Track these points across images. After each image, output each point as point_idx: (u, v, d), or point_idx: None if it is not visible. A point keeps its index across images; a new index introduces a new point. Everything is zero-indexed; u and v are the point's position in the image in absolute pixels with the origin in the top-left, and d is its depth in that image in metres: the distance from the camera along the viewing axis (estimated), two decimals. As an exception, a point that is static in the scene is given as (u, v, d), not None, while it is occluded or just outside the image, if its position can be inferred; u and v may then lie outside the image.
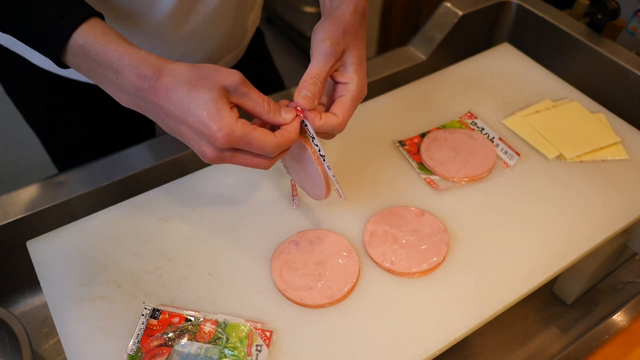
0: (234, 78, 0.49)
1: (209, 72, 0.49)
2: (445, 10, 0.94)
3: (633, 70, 0.82)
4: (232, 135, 0.48)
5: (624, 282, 0.79)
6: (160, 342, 0.52)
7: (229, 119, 0.48)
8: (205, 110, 0.48)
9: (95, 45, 0.49)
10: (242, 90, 0.50)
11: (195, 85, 0.48)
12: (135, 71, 0.48)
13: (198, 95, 0.48)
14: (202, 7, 0.68)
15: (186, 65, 0.49)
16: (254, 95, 0.50)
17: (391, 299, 0.57)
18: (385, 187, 0.67)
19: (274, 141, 0.50)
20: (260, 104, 0.51)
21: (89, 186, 0.70)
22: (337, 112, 0.54)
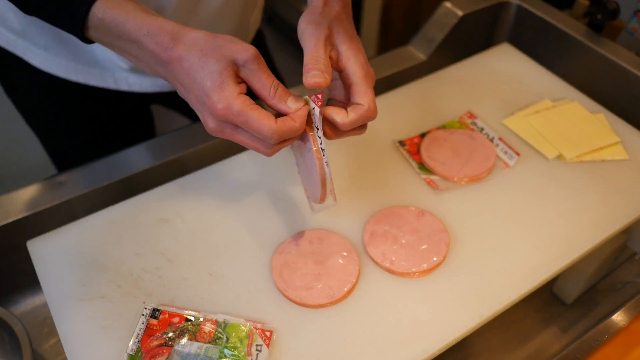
0: (246, 53, 0.47)
1: (223, 42, 0.48)
2: (445, 10, 0.94)
3: (633, 70, 0.82)
4: (230, 109, 0.47)
5: (623, 282, 0.79)
6: (160, 342, 0.52)
7: (229, 92, 0.47)
8: (209, 80, 0.47)
9: (113, 17, 0.49)
10: (251, 67, 0.48)
11: (206, 54, 0.47)
12: (153, 40, 0.48)
13: (206, 65, 0.47)
14: (202, 10, 0.68)
15: (203, 34, 0.48)
16: (262, 76, 0.49)
17: (391, 299, 0.57)
18: (385, 187, 0.67)
19: (272, 126, 0.48)
20: (266, 86, 0.49)
21: (89, 186, 0.70)
22: (360, 100, 0.51)
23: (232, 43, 0.48)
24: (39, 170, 1.74)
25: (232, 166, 0.69)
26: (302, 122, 0.50)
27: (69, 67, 0.73)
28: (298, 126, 0.49)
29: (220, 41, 0.48)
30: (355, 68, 0.52)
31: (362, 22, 1.85)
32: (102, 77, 0.75)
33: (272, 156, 0.52)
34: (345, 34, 0.53)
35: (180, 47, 0.48)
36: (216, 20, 0.71)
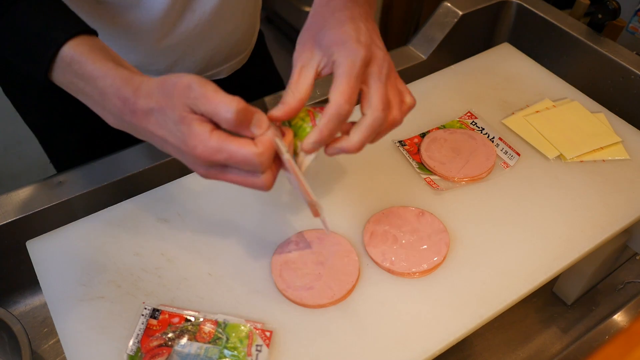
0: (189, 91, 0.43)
1: (171, 87, 0.44)
2: (445, 10, 0.94)
3: (633, 70, 0.82)
4: (208, 149, 0.44)
5: (624, 282, 0.79)
6: (160, 342, 0.52)
7: (201, 134, 0.44)
8: (177, 129, 0.44)
9: (80, 62, 0.47)
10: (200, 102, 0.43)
11: (162, 105, 0.45)
12: (117, 93, 0.46)
13: (168, 117, 0.45)
14: (197, 6, 0.68)
15: (155, 82, 0.46)
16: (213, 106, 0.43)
17: (391, 299, 0.57)
18: (385, 187, 0.67)
19: (255, 151, 0.43)
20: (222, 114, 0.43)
21: (88, 186, 0.70)
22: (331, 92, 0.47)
23: (177, 84, 0.44)
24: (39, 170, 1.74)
25: (232, 166, 0.69)
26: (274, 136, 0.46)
27: None
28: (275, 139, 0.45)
29: (168, 86, 0.45)
30: (341, 60, 0.47)
31: (362, 22, 1.85)
32: None
33: (270, 189, 0.47)
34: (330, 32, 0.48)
35: (142, 100, 0.45)
36: (213, 19, 0.70)
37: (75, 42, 0.48)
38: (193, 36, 0.71)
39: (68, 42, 0.47)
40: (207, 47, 0.74)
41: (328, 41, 0.48)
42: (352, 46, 0.47)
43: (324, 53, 0.49)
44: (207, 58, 0.76)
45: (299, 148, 0.50)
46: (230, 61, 0.82)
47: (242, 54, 0.83)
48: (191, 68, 0.76)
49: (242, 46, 0.82)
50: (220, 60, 0.79)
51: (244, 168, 0.45)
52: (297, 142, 0.50)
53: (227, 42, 0.77)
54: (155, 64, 0.73)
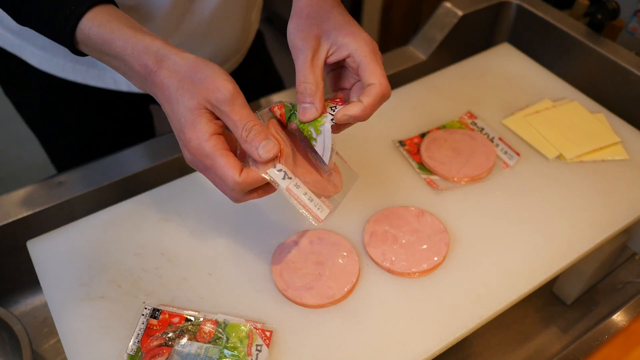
0: (220, 94, 0.46)
1: (202, 77, 0.46)
2: (445, 10, 0.94)
3: (633, 70, 0.82)
4: (200, 149, 0.46)
5: (623, 282, 0.79)
6: (160, 342, 0.52)
7: (201, 132, 0.46)
8: (183, 115, 0.46)
9: (99, 34, 0.48)
10: (224, 109, 0.46)
11: (183, 87, 0.46)
12: (137, 61, 0.48)
13: (182, 98, 0.46)
14: (197, 8, 0.68)
15: (186, 61, 0.47)
16: (235, 118, 0.46)
17: (391, 299, 0.57)
18: (385, 187, 0.67)
19: (235, 179, 0.46)
20: (238, 128, 0.46)
21: (88, 186, 0.70)
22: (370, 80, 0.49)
23: (209, 79, 0.46)
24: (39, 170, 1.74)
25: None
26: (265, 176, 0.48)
27: (68, 67, 0.73)
28: (261, 179, 0.47)
29: (200, 75, 0.46)
30: (358, 47, 0.50)
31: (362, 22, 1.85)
32: (102, 77, 0.75)
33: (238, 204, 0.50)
34: (335, 23, 0.51)
35: (163, 72, 0.47)
36: (213, 21, 0.70)
37: (92, 13, 0.49)
38: (192, 39, 0.71)
39: (85, 14, 0.48)
40: (206, 49, 0.75)
41: (337, 32, 0.51)
42: (366, 37, 0.51)
43: (332, 42, 0.51)
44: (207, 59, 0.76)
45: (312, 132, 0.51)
46: (229, 61, 0.82)
47: (239, 53, 0.83)
48: None
49: (239, 45, 0.82)
50: (219, 61, 0.79)
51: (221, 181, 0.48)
52: (308, 127, 0.51)
53: (225, 43, 0.77)
54: None
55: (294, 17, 0.53)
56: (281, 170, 0.48)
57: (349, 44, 0.50)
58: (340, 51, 0.51)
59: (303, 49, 0.50)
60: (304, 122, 0.51)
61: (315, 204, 0.49)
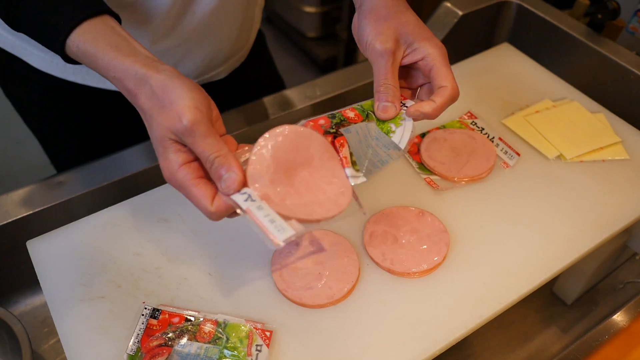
0: (179, 124, 0.45)
1: (167, 103, 0.46)
2: (445, 10, 0.94)
3: (633, 70, 0.82)
4: (172, 179, 0.47)
5: (624, 282, 0.79)
6: (160, 342, 0.52)
7: (172, 163, 0.46)
8: (155, 145, 0.47)
9: (86, 53, 0.49)
10: (185, 140, 0.46)
11: (152, 115, 0.47)
12: (120, 84, 0.48)
13: (152, 128, 0.47)
14: (197, 8, 0.68)
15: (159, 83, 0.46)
16: (197, 150, 0.46)
17: (391, 299, 0.57)
18: (385, 187, 0.67)
19: (208, 209, 0.46)
20: (202, 159, 0.46)
21: (88, 186, 0.70)
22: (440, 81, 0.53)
23: (173, 107, 0.45)
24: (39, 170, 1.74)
25: (232, 166, 0.69)
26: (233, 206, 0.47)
27: (68, 67, 0.73)
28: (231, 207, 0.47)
29: (165, 101, 0.46)
30: (432, 51, 0.53)
31: (362, 22, 1.85)
32: (102, 78, 0.75)
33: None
34: (412, 27, 0.54)
35: (141, 97, 0.47)
36: (212, 20, 0.70)
37: (81, 29, 0.49)
38: (192, 38, 0.71)
39: (74, 30, 0.49)
40: (206, 49, 0.74)
41: (413, 36, 0.54)
42: (438, 42, 0.55)
43: (408, 45, 0.54)
44: (206, 60, 0.76)
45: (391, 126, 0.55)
46: (229, 60, 0.82)
47: (241, 52, 0.83)
48: (191, 70, 0.76)
49: (240, 44, 0.82)
50: (220, 60, 0.79)
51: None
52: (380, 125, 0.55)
53: (226, 42, 0.77)
54: None
55: (370, 15, 0.54)
56: (245, 194, 0.47)
57: (424, 48, 0.54)
58: (415, 54, 0.54)
59: (383, 52, 0.53)
60: (384, 120, 0.54)
61: (277, 226, 0.46)
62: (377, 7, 0.54)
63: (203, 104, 0.47)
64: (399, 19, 0.54)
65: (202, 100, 0.47)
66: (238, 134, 0.77)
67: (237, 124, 0.78)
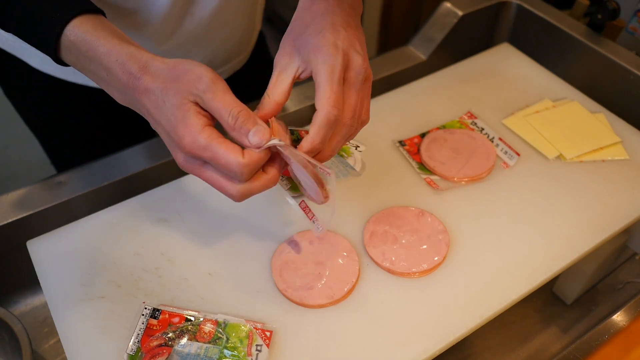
0: (199, 83, 0.45)
1: (181, 72, 0.46)
2: (445, 10, 0.94)
3: (633, 70, 0.82)
4: (195, 143, 0.44)
5: (624, 282, 0.79)
6: (160, 342, 0.52)
7: (193, 126, 0.45)
8: (172, 115, 0.45)
9: (85, 41, 0.48)
10: (207, 96, 0.45)
11: (167, 87, 0.46)
12: (122, 68, 0.47)
13: (167, 98, 0.46)
14: (197, 10, 0.68)
15: (166, 64, 0.46)
16: (219, 105, 0.44)
17: (391, 299, 0.57)
18: (385, 187, 0.67)
19: (239, 160, 0.44)
20: (224, 116, 0.44)
21: (88, 186, 0.70)
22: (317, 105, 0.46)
23: (188, 72, 0.45)
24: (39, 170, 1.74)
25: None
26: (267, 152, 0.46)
27: (68, 68, 0.73)
28: (263, 155, 0.46)
29: (179, 70, 0.46)
30: (318, 66, 0.47)
31: (362, 22, 1.85)
32: None
33: (240, 202, 0.48)
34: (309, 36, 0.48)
35: (147, 77, 0.46)
36: (212, 22, 0.70)
37: (79, 20, 0.48)
38: (192, 40, 0.71)
39: (72, 21, 0.48)
40: (206, 51, 0.74)
41: (307, 47, 0.48)
42: (328, 51, 0.47)
43: (302, 59, 0.49)
44: (206, 61, 0.76)
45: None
46: (230, 62, 0.81)
47: (242, 54, 0.83)
48: None
49: (241, 47, 0.82)
50: (220, 62, 0.79)
51: (224, 172, 0.46)
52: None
53: (226, 44, 0.77)
54: None
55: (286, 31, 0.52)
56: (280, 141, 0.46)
57: (312, 61, 0.47)
58: (307, 70, 0.49)
59: (275, 66, 0.49)
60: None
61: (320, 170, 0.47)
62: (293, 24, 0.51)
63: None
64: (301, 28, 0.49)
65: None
66: (238, 134, 0.76)
67: (237, 124, 0.78)
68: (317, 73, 0.47)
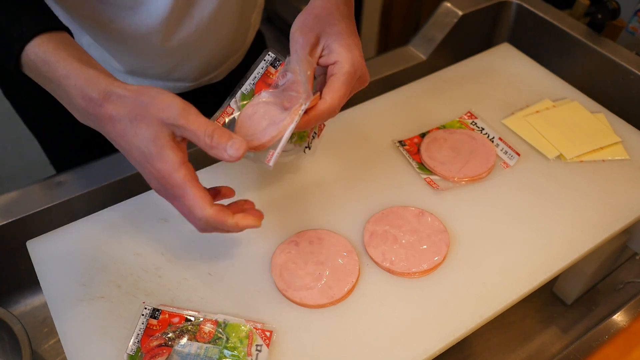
0: (170, 111, 0.45)
1: (149, 99, 0.45)
2: (445, 10, 0.94)
3: (633, 70, 0.82)
4: (171, 179, 0.46)
5: (624, 282, 0.79)
6: (160, 342, 0.52)
7: (170, 163, 0.45)
8: (146, 147, 0.45)
9: (45, 61, 0.47)
10: (179, 124, 0.45)
11: (136, 117, 0.45)
12: (80, 93, 0.47)
13: (139, 130, 0.45)
14: (196, 12, 0.68)
15: (129, 91, 0.46)
16: (193, 128, 0.45)
17: (391, 299, 0.57)
18: (385, 187, 0.67)
19: (205, 212, 0.46)
20: (200, 137, 0.45)
21: (88, 186, 0.70)
22: (325, 93, 0.51)
23: (155, 100, 0.45)
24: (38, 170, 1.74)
25: (233, 166, 0.69)
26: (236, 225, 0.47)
27: None
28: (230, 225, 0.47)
29: (145, 98, 0.45)
30: (344, 61, 0.52)
31: (362, 22, 1.85)
32: None
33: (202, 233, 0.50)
34: (337, 34, 0.53)
35: (110, 105, 0.46)
36: (211, 23, 0.70)
37: (40, 39, 0.48)
38: (191, 41, 0.71)
39: (33, 39, 0.47)
40: (205, 52, 0.74)
41: (336, 39, 0.53)
42: (356, 57, 0.52)
43: (327, 46, 0.53)
44: (204, 62, 0.76)
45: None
46: (226, 62, 0.82)
47: (237, 54, 0.83)
48: (190, 72, 0.76)
49: (236, 46, 0.82)
50: (217, 63, 0.79)
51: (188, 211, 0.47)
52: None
53: (223, 44, 0.77)
54: (154, 69, 0.73)
55: (304, 13, 0.54)
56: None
57: (340, 53, 0.52)
58: (330, 57, 0.53)
59: (302, 42, 0.52)
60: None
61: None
62: (313, 7, 0.54)
63: None
64: (328, 21, 0.53)
65: None
66: (238, 134, 0.77)
67: (237, 124, 0.78)
68: (340, 68, 0.52)
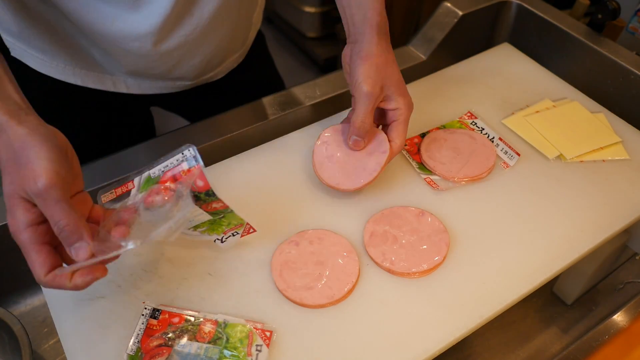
0: (33, 185, 0.44)
1: (24, 161, 0.45)
2: (445, 10, 0.94)
3: (633, 70, 0.82)
4: (16, 236, 0.46)
5: (624, 282, 0.79)
6: (160, 342, 0.52)
7: (18, 222, 0.45)
8: (4, 198, 0.46)
9: None
10: (37, 202, 0.45)
11: (6, 169, 0.46)
12: None
13: (4, 182, 0.46)
14: (196, 10, 0.68)
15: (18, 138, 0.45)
16: (47, 213, 0.45)
17: (391, 299, 0.57)
18: (385, 187, 0.67)
19: (40, 278, 0.46)
20: (52, 225, 0.45)
21: (88, 186, 0.69)
22: (394, 137, 0.63)
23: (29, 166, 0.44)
24: (39, 170, 1.73)
25: (232, 167, 0.69)
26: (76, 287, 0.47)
27: (67, 69, 0.73)
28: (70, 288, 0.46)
29: (23, 158, 0.45)
30: (402, 107, 0.63)
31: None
32: (101, 79, 0.75)
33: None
34: (396, 82, 0.63)
35: None
36: (211, 23, 0.70)
37: None
38: (191, 41, 0.71)
39: None
40: (204, 51, 0.74)
41: (395, 89, 0.63)
42: (409, 100, 0.64)
43: (388, 96, 0.63)
44: (204, 61, 0.76)
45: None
46: (226, 61, 0.81)
47: (237, 53, 0.83)
48: (190, 71, 0.76)
49: (236, 45, 0.82)
50: (217, 62, 0.79)
51: None
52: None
53: (223, 43, 0.77)
54: (154, 69, 0.73)
55: (366, 59, 0.61)
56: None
57: (398, 102, 0.63)
58: (390, 104, 0.63)
59: (369, 94, 0.61)
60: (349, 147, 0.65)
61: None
62: (372, 54, 0.62)
63: (62, 164, 0.46)
64: (386, 71, 0.62)
65: (61, 160, 0.46)
66: (238, 134, 0.76)
67: (236, 124, 0.78)
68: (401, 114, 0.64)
